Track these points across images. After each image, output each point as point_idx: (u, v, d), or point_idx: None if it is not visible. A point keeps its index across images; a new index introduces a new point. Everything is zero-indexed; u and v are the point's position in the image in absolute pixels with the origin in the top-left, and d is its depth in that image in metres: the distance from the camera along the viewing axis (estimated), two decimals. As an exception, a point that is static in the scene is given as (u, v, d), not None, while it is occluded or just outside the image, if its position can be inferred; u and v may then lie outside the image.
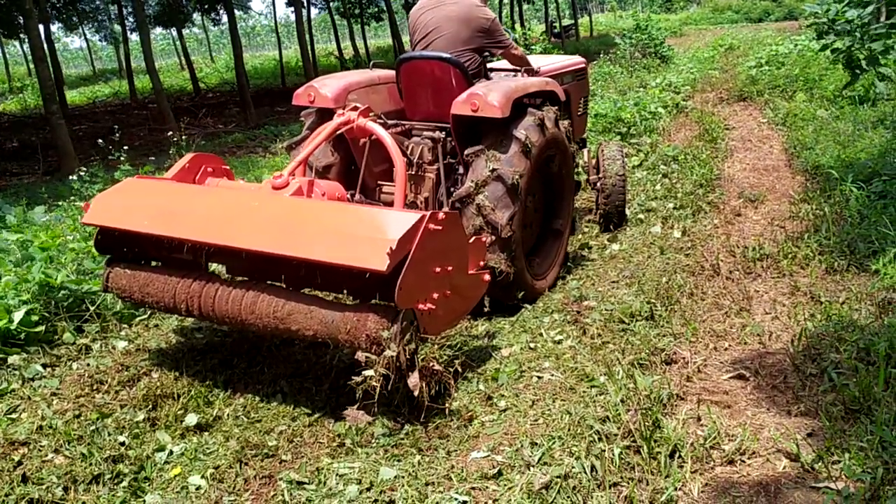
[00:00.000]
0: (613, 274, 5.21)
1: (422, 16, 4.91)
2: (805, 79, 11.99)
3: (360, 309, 3.28)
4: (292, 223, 3.45)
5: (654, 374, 3.64)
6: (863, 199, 5.86)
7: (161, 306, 3.81)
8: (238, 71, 16.91)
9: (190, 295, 3.65)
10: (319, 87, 4.67)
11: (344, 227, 3.36)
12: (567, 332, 4.29)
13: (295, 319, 3.39)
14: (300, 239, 3.34)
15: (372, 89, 4.90)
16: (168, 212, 3.71)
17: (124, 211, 3.80)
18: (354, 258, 3.15)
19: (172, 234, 3.65)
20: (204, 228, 3.58)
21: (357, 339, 3.23)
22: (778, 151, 8.74)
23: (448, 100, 4.50)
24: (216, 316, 3.63)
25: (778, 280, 4.95)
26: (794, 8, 37.63)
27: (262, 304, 3.45)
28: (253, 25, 70.12)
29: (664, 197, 7.01)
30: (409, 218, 3.21)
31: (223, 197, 3.87)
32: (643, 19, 19.33)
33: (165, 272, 3.81)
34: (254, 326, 3.56)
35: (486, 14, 4.88)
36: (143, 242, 4.02)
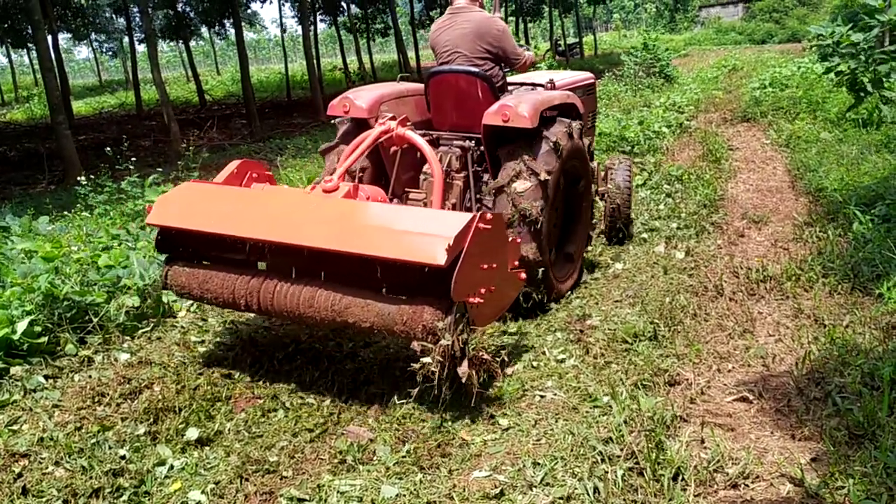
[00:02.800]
0: (617, 293, 5.21)
1: (439, 36, 5.14)
2: (808, 101, 12.02)
3: (416, 302, 3.47)
4: (355, 222, 3.71)
5: (657, 396, 3.62)
6: (866, 223, 5.86)
7: (220, 302, 4.00)
8: (244, 84, 17.01)
9: (249, 291, 3.84)
10: (354, 98, 4.90)
11: (404, 225, 3.57)
12: (570, 351, 4.28)
13: (352, 312, 3.59)
14: (364, 237, 3.56)
15: (401, 101, 5.14)
16: (230, 213, 3.91)
17: (185, 212, 4.01)
18: (416, 254, 3.35)
19: (238, 233, 3.84)
20: (269, 228, 3.76)
21: (413, 329, 3.42)
22: (781, 173, 8.75)
23: (475, 111, 4.78)
24: (275, 310, 3.81)
25: (781, 302, 4.94)
26: (797, 30, 37.87)
27: (321, 299, 3.65)
28: (258, 39, 70.56)
29: (668, 216, 7.01)
30: (462, 217, 3.43)
31: (281, 199, 4.16)
32: (651, 38, 19.43)
33: (224, 269, 3.99)
34: (311, 320, 3.75)
35: (498, 25, 5.05)
36: (201, 242, 4.16)
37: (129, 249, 5.34)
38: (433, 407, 3.67)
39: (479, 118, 4.68)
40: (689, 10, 50.25)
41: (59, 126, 11.66)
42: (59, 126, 11.66)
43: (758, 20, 43.32)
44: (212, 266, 4.08)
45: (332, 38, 38.69)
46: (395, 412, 3.71)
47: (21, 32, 22.84)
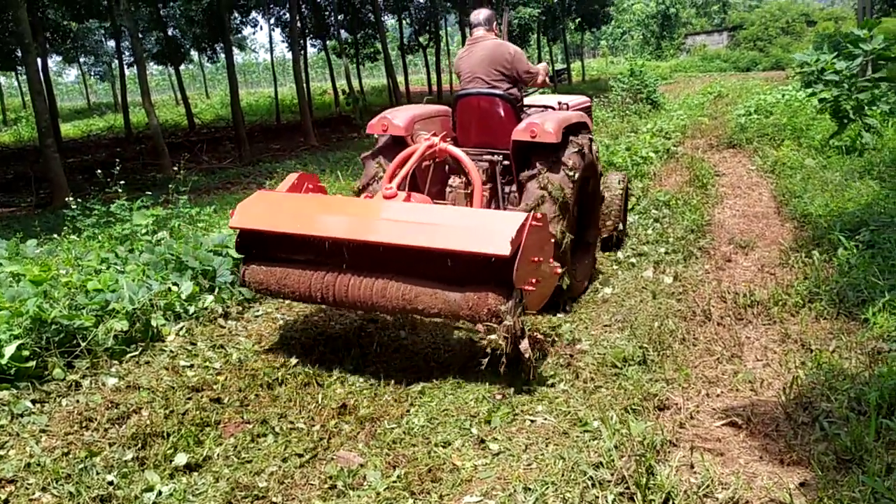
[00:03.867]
0: (606, 318, 5.24)
1: (461, 64, 5.72)
2: (793, 128, 12.19)
3: (480, 289, 3.94)
4: (425, 221, 4.14)
5: (647, 420, 3.64)
6: (851, 249, 5.93)
7: (296, 296, 4.45)
8: (234, 108, 17.07)
9: (325, 285, 4.29)
10: (392, 118, 5.51)
11: (471, 223, 4.11)
12: (560, 375, 4.30)
13: (421, 301, 4.07)
14: (436, 233, 4.00)
15: (430, 120, 5.67)
16: (309, 216, 4.39)
17: (266, 216, 4.48)
18: (485, 246, 3.83)
19: (321, 233, 4.27)
20: (348, 228, 4.25)
21: (479, 313, 3.92)
22: (767, 198, 8.86)
23: (498, 129, 5.45)
24: (349, 301, 4.27)
25: (769, 327, 4.98)
26: (780, 59, 38.46)
27: (392, 290, 4.12)
28: (247, 63, 70.82)
29: (656, 241, 7.07)
30: (519, 216, 3.95)
31: (350, 204, 4.80)
32: (638, 64, 19.68)
33: (300, 267, 4.40)
34: (384, 308, 4.24)
35: (509, 49, 5.57)
36: (278, 242, 4.54)
37: (118, 273, 5.32)
38: (424, 430, 3.67)
39: (501, 135, 5.38)
40: (675, 38, 50.94)
41: (48, 149, 11.64)
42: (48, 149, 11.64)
43: (742, 48, 43.99)
44: (288, 264, 4.46)
45: (322, 61, 38.86)
46: (385, 437, 3.71)
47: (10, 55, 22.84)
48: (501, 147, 5.45)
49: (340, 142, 18.80)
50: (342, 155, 15.25)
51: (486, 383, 4.27)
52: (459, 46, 28.84)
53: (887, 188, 7.72)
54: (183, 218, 7.67)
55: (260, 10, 26.39)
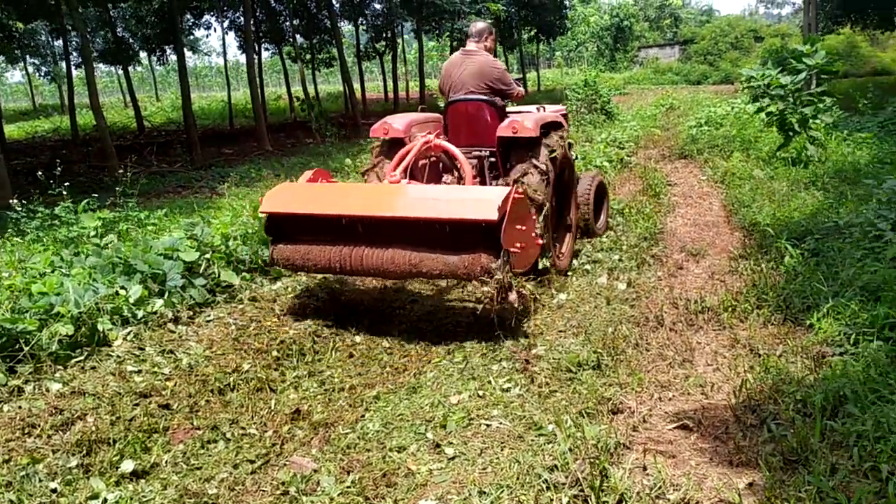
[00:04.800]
0: (561, 323, 5.27)
1: (451, 71, 6.34)
2: (742, 139, 12.49)
3: (474, 251, 4.65)
4: (427, 197, 4.93)
5: (601, 424, 3.67)
6: (797, 256, 6.08)
7: (318, 268, 5.19)
8: (185, 111, 16.77)
9: (342, 257, 4.99)
10: (392, 122, 6.27)
11: (464, 196, 4.89)
12: (515, 380, 4.31)
13: (425, 265, 4.77)
14: (436, 205, 4.72)
15: (425, 125, 6.38)
16: (327, 200, 5.18)
17: (291, 202, 5.24)
18: (476, 213, 4.55)
19: (339, 212, 4.99)
20: (362, 206, 4.99)
21: (473, 271, 4.64)
22: (717, 208, 9.05)
23: (485, 130, 6.19)
24: (364, 269, 4.99)
25: (719, 332, 5.08)
26: (729, 73, 39.43)
27: (399, 257, 4.82)
28: (200, 66, 69.82)
29: (610, 249, 7.15)
30: (503, 189, 4.72)
31: (362, 189, 5.64)
32: (592, 76, 19.94)
33: (320, 243, 5.10)
34: (394, 274, 4.97)
35: (496, 65, 6.28)
36: (300, 223, 5.24)
37: (63, 276, 5.17)
38: (379, 435, 3.65)
39: (488, 136, 6.14)
40: (629, 51, 51.85)
41: (-9, 149, 11.27)
42: (-9, 149, 11.27)
43: (693, 62, 44.98)
44: (310, 241, 5.15)
45: (278, 66, 38.40)
46: (339, 442, 3.67)
47: (-48, 54, 22.12)
48: (487, 145, 6.23)
49: (295, 147, 18.61)
50: (297, 160, 15.10)
51: (442, 388, 4.26)
52: (416, 54, 28.90)
53: (831, 198, 7.95)
54: (132, 221, 7.50)
55: (213, 12, 26.01)
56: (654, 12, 57.55)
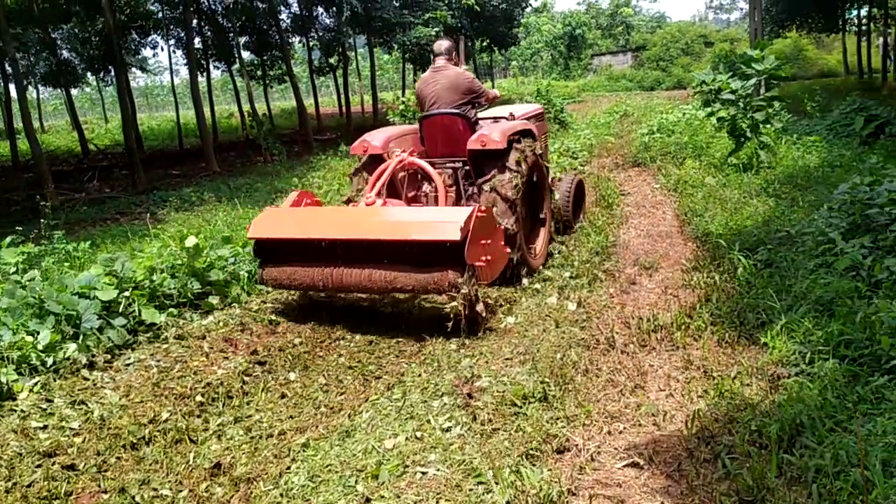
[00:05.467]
0: (507, 350, 5.00)
1: (424, 89, 6.82)
2: (694, 146, 12.42)
3: (442, 269, 5.07)
4: (397, 220, 5.45)
5: (545, 466, 3.40)
6: (749, 268, 5.91)
7: (304, 287, 5.66)
8: (126, 132, 16.23)
9: (324, 276, 5.41)
10: (370, 139, 6.62)
11: (430, 218, 5.43)
12: (456, 418, 4.01)
13: (399, 281, 5.22)
14: (406, 228, 5.22)
15: (402, 139, 6.75)
16: (309, 224, 5.66)
17: (274, 227, 5.73)
18: (441, 235, 4.99)
19: (319, 236, 5.44)
20: (340, 230, 5.44)
21: (442, 286, 5.10)
22: (671, 217, 8.89)
23: (458, 141, 6.53)
24: (345, 286, 5.45)
25: (672, 353, 4.85)
26: (682, 78, 39.87)
27: (376, 275, 5.25)
28: (150, 85, 68.68)
29: (561, 266, 6.92)
30: (467, 210, 5.14)
31: (340, 212, 6.18)
32: (544, 85, 19.85)
33: (305, 265, 5.50)
34: (371, 290, 5.44)
35: (467, 77, 6.74)
36: (284, 247, 5.64)
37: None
38: (305, 490, 3.32)
39: (461, 146, 6.45)
40: (583, 59, 52.21)
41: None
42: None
43: (646, 68, 45.43)
44: (295, 263, 5.54)
45: (232, 83, 37.71)
46: (260, 501, 3.34)
47: None
48: (462, 155, 6.58)
49: (245, 167, 18.15)
50: (244, 181, 14.68)
51: (378, 430, 3.95)
52: (369, 69, 28.65)
53: (782, 205, 7.84)
54: (58, 255, 7.07)
55: (159, 31, 25.42)
56: (606, 20, 58.14)
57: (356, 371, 4.93)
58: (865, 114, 12.06)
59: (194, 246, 5.98)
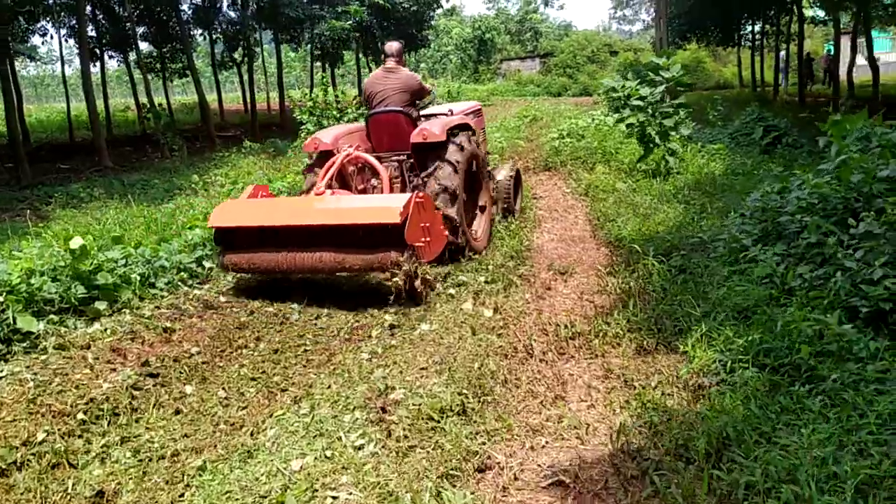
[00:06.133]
0: (423, 359, 4.75)
1: (373, 87, 7.37)
2: (603, 151, 12.53)
3: (385, 249, 5.61)
4: (343, 206, 6.02)
5: (466, 488, 3.16)
6: (664, 273, 5.88)
7: (262, 270, 6.09)
8: (10, 124, 15.03)
9: (280, 260, 5.90)
10: (321, 137, 7.12)
11: (373, 203, 6.05)
12: (370, 434, 3.73)
13: (348, 261, 5.73)
14: (351, 213, 5.81)
15: (351, 136, 7.29)
16: (264, 213, 6.15)
17: (233, 217, 6.16)
18: (383, 218, 5.56)
19: (273, 223, 5.98)
20: (292, 217, 5.97)
21: (385, 264, 5.60)
22: (583, 222, 8.87)
23: (402, 137, 7.11)
24: (299, 268, 5.92)
25: (591, 361, 4.73)
26: (588, 85, 40.78)
27: (327, 257, 5.76)
28: (41, 74, 64.85)
29: (475, 270, 6.73)
30: (406, 196, 5.72)
31: (292, 202, 6.80)
32: (454, 88, 19.75)
33: (261, 250, 6.01)
34: (323, 270, 5.93)
35: (415, 78, 7.38)
36: (242, 235, 6.14)
37: None
38: None
39: (406, 141, 7.01)
40: (492, 63, 52.68)
41: None
42: None
43: (553, 74, 46.22)
44: (253, 249, 6.06)
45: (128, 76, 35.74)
46: None
47: None
48: (406, 150, 7.10)
49: (141, 163, 17.19)
50: (139, 178, 13.85)
51: (284, 450, 3.62)
52: (276, 65, 27.82)
53: (692, 211, 7.93)
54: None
55: (49, 18, 23.83)
56: (515, 26, 58.90)
57: (259, 383, 4.58)
58: (764, 124, 12.48)
59: (80, 247, 5.45)
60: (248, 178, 12.12)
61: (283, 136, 18.74)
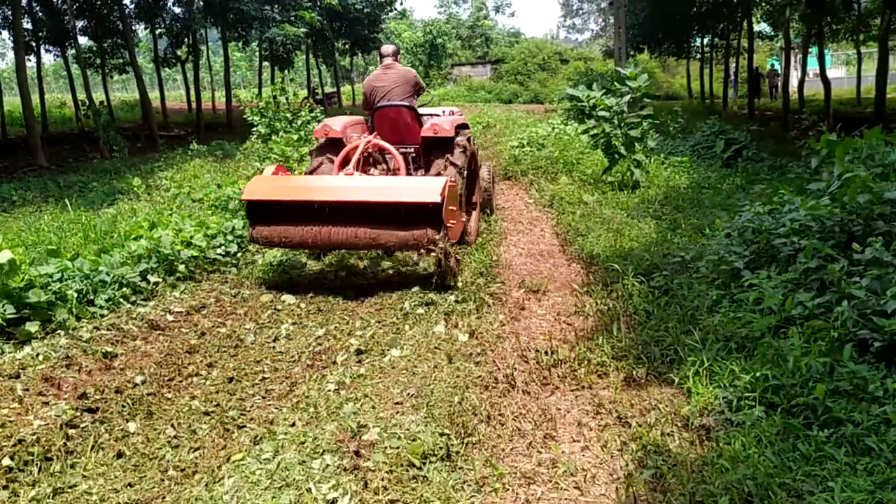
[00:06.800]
0: (397, 391, 4.32)
1: (375, 84, 7.65)
2: (565, 161, 12.28)
3: (422, 227, 5.86)
4: (384, 186, 6.16)
5: (461, 555, 2.75)
6: (645, 294, 5.59)
7: (293, 244, 6.26)
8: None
9: (313, 234, 6.04)
10: (331, 124, 7.46)
11: (412, 185, 6.17)
12: (343, 485, 3.30)
13: (382, 238, 5.91)
14: (392, 192, 5.99)
15: (356, 126, 7.71)
16: (299, 189, 6.26)
17: (268, 191, 6.20)
18: (425, 197, 5.79)
19: (313, 198, 6.02)
20: (328, 193, 6.03)
21: (421, 241, 5.87)
22: (550, 235, 8.55)
23: (407, 130, 7.56)
24: (332, 244, 6.11)
25: (578, 393, 4.37)
26: (539, 93, 40.84)
27: (361, 233, 5.92)
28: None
29: (445, 287, 6.32)
30: (442, 178, 6.12)
31: (327, 179, 6.62)
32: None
33: (293, 224, 6.07)
34: (356, 246, 6.07)
35: (412, 72, 7.71)
36: (275, 208, 6.15)
37: None
38: None
39: (409, 134, 7.55)
40: (443, 68, 52.41)
41: None
42: None
43: (504, 81, 46.17)
44: (285, 223, 6.12)
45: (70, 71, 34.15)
46: None
47: None
48: (409, 142, 7.59)
49: (78, 162, 16.26)
50: (77, 179, 13.02)
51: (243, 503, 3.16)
52: (222, 64, 26.90)
53: (664, 227, 7.70)
54: None
55: (-21, 8, 22.51)
56: (467, 31, 58.77)
57: (213, 418, 4.10)
58: (725, 137, 12.42)
59: (9, 261, 4.86)
60: (195, 181, 11.47)
61: (230, 138, 18.01)
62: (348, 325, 5.65)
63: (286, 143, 11.17)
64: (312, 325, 5.67)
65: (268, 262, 7.15)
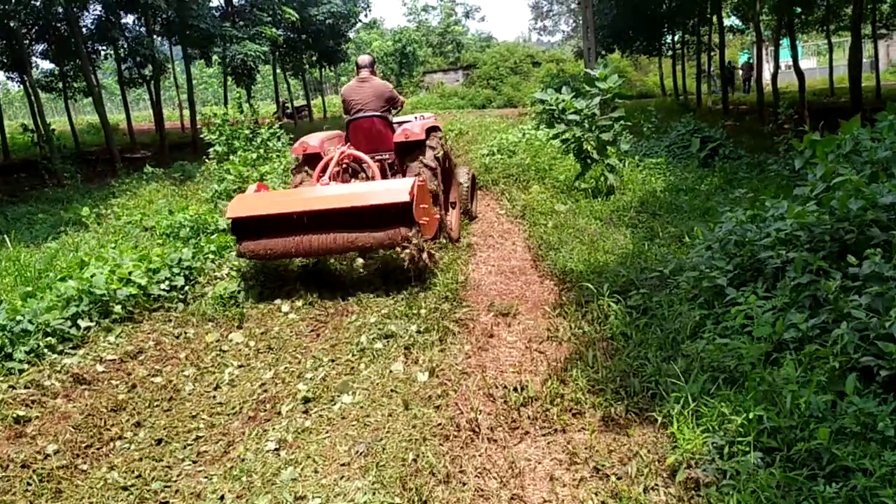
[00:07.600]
0: (343, 449, 3.81)
1: (350, 95, 7.85)
2: (537, 168, 11.81)
3: (396, 227, 6.21)
4: (356, 192, 6.58)
5: None
6: (623, 316, 5.11)
7: (277, 255, 6.47)
8: None
9: (295, 244, 6.33)
10: (308, 141, 7.67)
11: (382, 187, 6.63)
12: (271, 580, 2.77)
13: (360, 240, 6.27)
14: (364, 196, 6.38)
15: (332, 140, 7.88)
16: (279, 203, 6.67)
17: (250, 208, 6.56)
18: (394, 198, 6.21)
19: (290, 210, 6.39)
20: (305, 204, 6.40)
21: (395, 240, 6.21)
22: (522, 249, 8.05)
23: (381, 139, 7.81)
24: (313, 251, 6.38)
25: (550, 438, 3.88)
26: (512, 96, 40.43)
27: (340, 238, 6.27)
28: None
29: (406, 316, 5.82)
30: (410, 179, 6.51)
31: (303, 191, 6.99)
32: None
33: (276, 237, 6.38)
34: (336, 250, 6.40)
35: (388, 87, 7.89)
36: (258, 223, 6.48)
37: None
38: None
39: (383, 143, 7.82)
40: (415, 76, 51.91)
41: None
42: None
43: (477, 86, 45.73)
44: (268, 236, 6.40)
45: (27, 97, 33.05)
46: None
47: None
48: (384, 150, 7.88)
49: (32, 191, 15.61)
50: (26, 210, 12.39)
51: None
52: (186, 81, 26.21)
53: (640, 236, 7.24)
54: None
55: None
56: (437, 38, 58.34)
57: (132, 494, 3.56)
58: (700, 135, 12.02)
59: None
60: (149, 206, 10.89)
61: (193, 158, 17.41)
62: (300, 364, 5.14)
63: (243, 162, 10.58)
64: (260, 367, 5.15)
65: (218, 294, 6.59)
